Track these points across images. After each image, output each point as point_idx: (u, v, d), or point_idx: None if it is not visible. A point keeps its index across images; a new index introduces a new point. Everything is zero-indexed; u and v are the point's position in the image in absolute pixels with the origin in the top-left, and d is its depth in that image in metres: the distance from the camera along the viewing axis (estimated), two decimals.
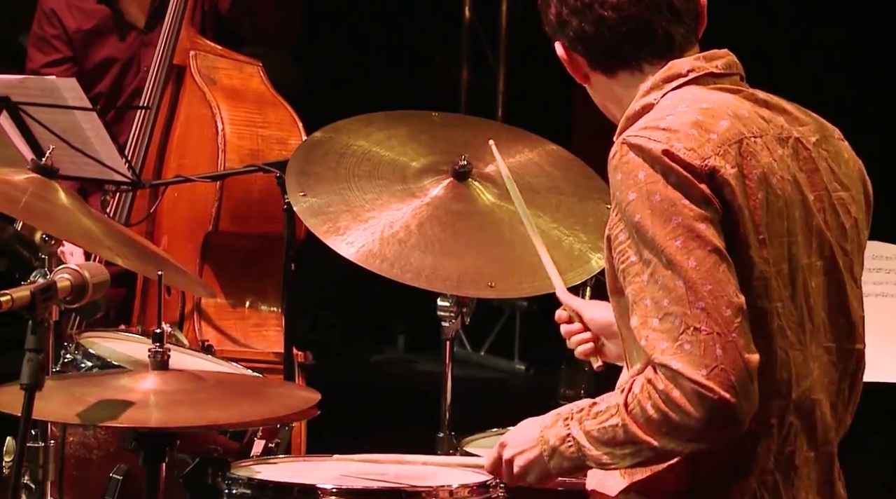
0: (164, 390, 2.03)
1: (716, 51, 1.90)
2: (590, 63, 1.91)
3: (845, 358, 1.88)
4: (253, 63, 3.40)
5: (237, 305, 3.27)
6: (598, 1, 1.86)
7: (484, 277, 2.43)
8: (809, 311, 1.83)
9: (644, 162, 1.79)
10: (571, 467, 1.84)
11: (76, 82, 2.92)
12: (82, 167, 2.92)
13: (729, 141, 1.81)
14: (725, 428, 1.73)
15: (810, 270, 1.84)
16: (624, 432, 1.76)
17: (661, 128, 1.81)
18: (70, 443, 2.47)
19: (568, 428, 1.82)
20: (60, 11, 3.42)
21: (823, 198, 1.87)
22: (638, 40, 1.87)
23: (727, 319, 1.73)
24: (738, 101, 1.87)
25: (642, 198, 1.77)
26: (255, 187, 3.22)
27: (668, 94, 1.87)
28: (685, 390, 1.72)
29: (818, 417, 1.85)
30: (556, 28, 1.92)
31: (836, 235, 1.87)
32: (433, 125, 2.68)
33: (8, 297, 1.86)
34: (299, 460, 2.43)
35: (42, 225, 2.23)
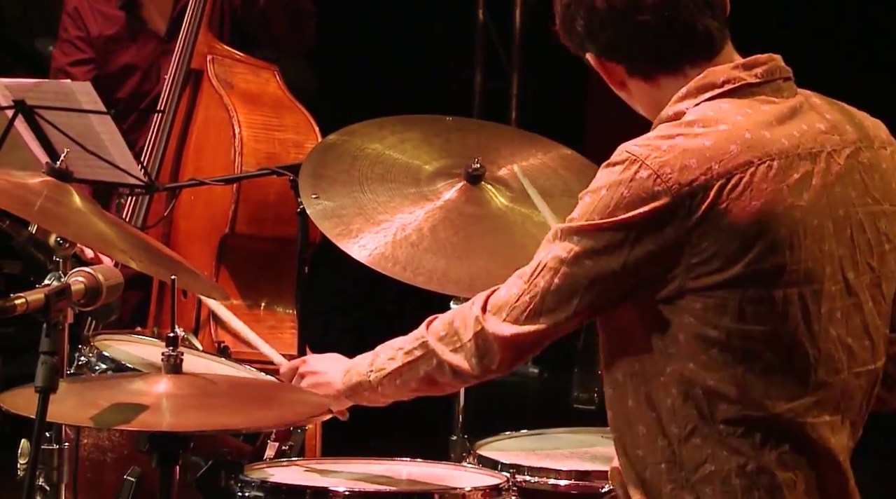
0: (176, 394, 2.03)
1: (758, 57, 1.86)
2: (629, 70, 1.87)
3: (871, 379, 1.86)
4: (269, 67, 3.41)
5: (253, 308, 3.27)
6: (634, 7, 1.81)
7: (496, 280, 2.42)
8: (813, 337, 1.79)
9: (616, 183, 1.79)
10: (356, 383, 2.02)
11: (91, 86, 2.93)
12: (97, 171, 2.93)
13: (731, 172, 1.77)
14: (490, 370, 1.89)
15: (820, 296, 1.80)
16: (420, 337, 1.93)
17: (663, 149, 1.79)
18: (84, 445, 2.48)
19: (376, 352, 2.00)
20: (84, 13, 3.43)
21: (853, 214, 1.83)
22: (679, 42, 1.83)
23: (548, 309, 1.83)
24: (767, 116, 1.82)
25: (588, 206, 1.81)
26: (272, 190, 3.22)
27: (700, 104, 1.83)
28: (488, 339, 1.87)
29: (819, 439, 1.81)
30: (586, 39, 1.87)
31: (864, 253, 1.83)
32: (447, 129, 2.68)
33: (23, 300, 1.87)
34: (312, 462, 2.43)
35: (56, 228, 2.24)
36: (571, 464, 2.37)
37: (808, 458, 1.81)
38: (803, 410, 1.80)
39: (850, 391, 1.83)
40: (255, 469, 2.29)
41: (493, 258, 2.47)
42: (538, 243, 2.47)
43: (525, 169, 2.60)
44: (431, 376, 1.93)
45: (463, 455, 2.48)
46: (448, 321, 1.93)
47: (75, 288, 1.95)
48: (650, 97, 1.87)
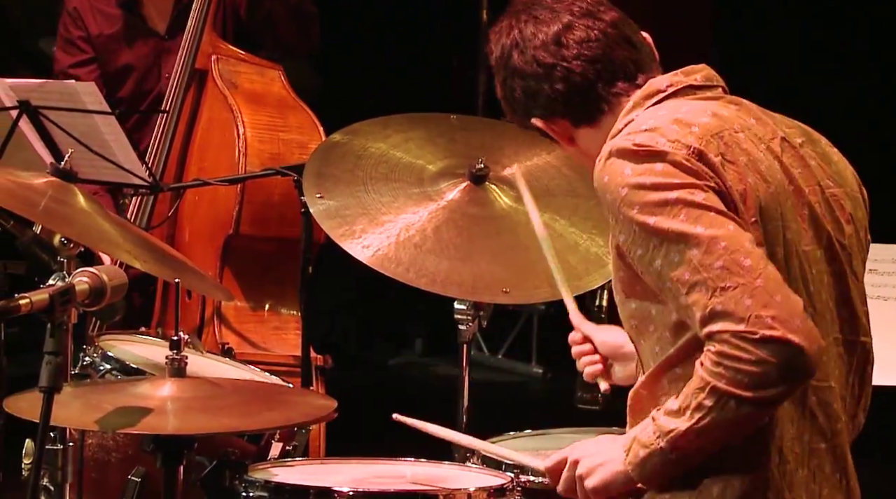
0: (181, 397, 2.04)
1: (693, 66, 1.92)
2: (572, 121, 1.93)
3: (851, 350, 1.88)
4: (274, 67, 3.40)
5: (257, 309, 3.27)
6: (559, 57, 1.89)
7: (499, 282, 2.43)
8: (810, 296, 1.83)
9: (627, 160, 1.80)
10: (646, 457, 1.78)
11: (95, 86, 2.92)
12: (101, 171, 2.92)
13: (710, 132, 1.82)
14: (795, 365, 1.72)
15: (810, 258, 1.84)
16: (704, 388, 1.74)
17: (643, 130, 1.83)
18: (88, 446, 2.48)
19: (651, 415, 1.80)
20: (84, 12, 3.42)
21: (817, 191, 1.87)
22: (608, 74, 1.89)
23: (748, 268, 1.73)
24: (719, 106, 1.88)
25: (634, 189, 1.79)
26: (276, 191, 3.22)
27: (649, 109, 1.88)
28: (734, 344, 1.72)
29: (819, 403, 1.83)
30: (527, 104, 1.93)
31: (833, 229, 1.87)
32: (451, 128, 2.68)
33: (27, 300, 1.87)
34: (316, 462, 2.43)
35: (61, 228, 2.24)
36: None
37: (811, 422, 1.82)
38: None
39: (832, 358, 1.85)
40: (259, 469, 2.29)
41: (495, 260, 2.47)
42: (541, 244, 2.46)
43: (529, 168, 2.60)
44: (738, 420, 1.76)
45: (467, 455, 2.48)
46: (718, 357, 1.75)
47: (79, 288, 1.95)
48: (598, 142, 1.91)
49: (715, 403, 1.74)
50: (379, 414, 2.31)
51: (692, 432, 1.76)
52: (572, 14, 1.90)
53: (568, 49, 1.88)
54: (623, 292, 1.87)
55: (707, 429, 1.76)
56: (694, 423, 1.76)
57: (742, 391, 1.73)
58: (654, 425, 1.79)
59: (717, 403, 1.74)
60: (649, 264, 1.78)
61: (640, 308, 1.84)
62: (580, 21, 1.90)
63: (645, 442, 1.80)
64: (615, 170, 1.81)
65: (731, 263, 1.73)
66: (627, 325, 1.89)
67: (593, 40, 1.89)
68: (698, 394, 1.75)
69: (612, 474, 1.83)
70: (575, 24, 1.89)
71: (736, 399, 1.73)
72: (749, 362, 1.72)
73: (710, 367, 1.75)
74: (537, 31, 1.90)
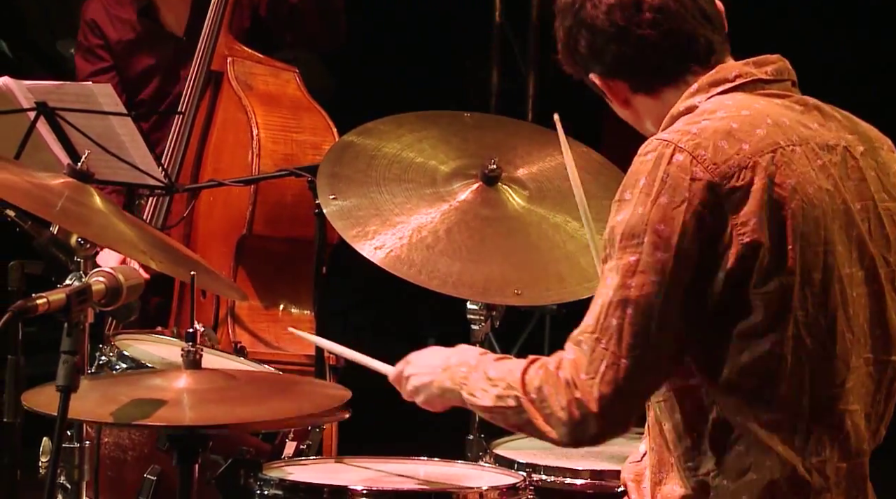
0: (196, 389, 2.04)
1: (767, 56, 1.88)
2: (632, 86, 1.88)
3: (881, 369, 1.86)
4: (289, 69, 3.41)
5: (270, 308, 3.27)
6: (635, 22, 1.83)
7: (510, 284, 2.42)
8: (848, 319, 1.81)
9: (652, 168, 1.78)
10: (448, 388, 1.93)
11: (111, 88, 2.94)
12: (117, 172, 2.94)
13: (762, 151, 1.79)
14: (582, 437, 1.80)
15: (851, 281, 1.82)
16: (515, 389, 1.84)
17: (693, 132, 1.79)
18: (105, 444, 2.49)
19: (476, 359, 1.91)
20: (101, 22, 3.45)
21: (869, 208, 1.85)
22: (681, 52, 1.85)
23: (628, 346, 1.76)
24: (783, 108, 1.84)
25: (626, 205, 1.78)
26: (289, 191, 3.23)
27: (713, 97, 1.84)
28: (567, 382, 1.78)
29: (850, 427, 1.82)
30: (590, 60, 1.89)
31: (880, 246, 1.85)
32: (465, 127, 2.68)
33: (44, 299, 1.88)
34: (330, 461, 2.43)
35: (78, 229, 2.24)
36: (587, 463, 2.36)
37: (841, 446, 1.82)
38: (842, 397, 1.81)
39: (861, 378, 1.84)
40: (274, 468, 2.29)
41: (507, 262, 2.46)
42: (553, 245, 2.46)
43: (541, 169, 2.60)
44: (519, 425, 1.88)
45: (479, 455, 2.48)
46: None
47: (96, 288, 1.96)
48: (655, 112, 1.88)
49: (514, 408, 1.84)
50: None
51: (485, 411, 1.87)
52: None
53: (644, 14, 1.83)
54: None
55: (497, 415, 1.87)
56: (490, 405, 1.86)
57: (536, 419, 1.82)
58: (469, 372, 1.90)
59: (516, 410, 1.84)
60: (602, 269, 1.82)
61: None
62: None
63: (454, 379, 1.92)
64: (639, 170, 1.80)
65: (621, 330, 1.76)
66: None
67: (671, 10, 1.83)
68: (510, 389, 1.84)
69: (431, 393, 1.97)
70: None
71: (531, 419, 1.82)
72: (560, 406, 1.79)
73: (535, 380, 1.82)
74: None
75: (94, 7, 3.47)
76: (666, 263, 1.75)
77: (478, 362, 1.91)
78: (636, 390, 1.79)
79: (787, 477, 1.79)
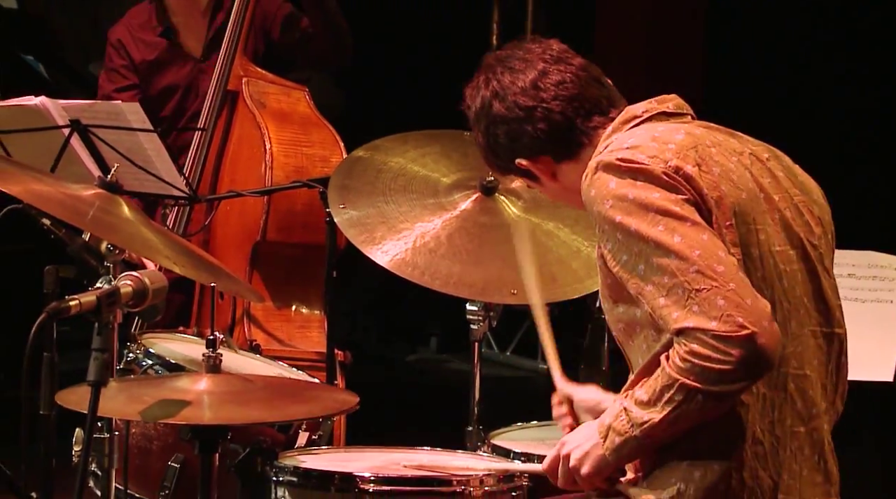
0: (215, 391, 2.06)
1: (665, 95, 1.97)
2: (555, 157, 1.96)
3: (828, 341, 1.90)
4: (300, 88, 3.43)
5: (283, 309, 3.29)
6: (539, 99, 1.93)
7: (507, 284, 2.44)
8: (784, 291, 1.86)
9: (612, 174, 1.84)
10: (621, 443, 1.83)
11: (139, 107, 2.95)
12: (144, 184, 2.95)
13: (686, 147, 1.86)
14: (757, 361, 1.75)
15: (783, 257, 1.87)
16: (672, 385, 1.77)
17: (624, 148, 1.86)
18: (133, 434, 2.49)
19: (621, 403, 1.85)
20: (127, 43, 3.47)
21: (786, 199, 1.91)
22: (586, 112, 1.93)
23: (721, 273, 1.77)
24: (691, 126, 1.93)
25: (617, 201, 1.82)
26: (299, 201, 3.24)
27: (627, 131, 1.92)
28: (705, 342, 1.75)
29: (798, 390, 1.85)
30: (511, 147, 1.96)
31: (803, 230, 1.90)
32: (464, 144, 2.69)
33: (76, 301, 1.90)
34: (340, 450, 2.44)
35: (107, 236, 2.26)
36: None
37: (791, 408, 1.84)
38: (784, 360, 1.84)
39: (810, 348, 1.87)
40: (288, 456, 2.30)
41: (504, 264, 2.48)
42: (547, 249, 2.47)
43: None
44: (704, 409, 1.79)
45: (478, 444, 2.49)
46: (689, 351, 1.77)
47: (124, 291, 1.97)
48: (579, 173, 1.94)
49: (684, 398, 1.78)
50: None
51: (665, 423, 1.80)
52: (545, 61, 1.95)
53: (546, 92, 1.93)
54: (610, 298, 1.90)
55: (677, 420, 1.80)
56: (665, 415, 1.79)
57: (709, 386, 1.76)
58: (626, 415, 1.83)
59: (686, 397, 1.78)
60: (633, 268, 1.81)
61: (626, 312, 1.87)
62: (553, 66, 1.94)
63: (620, 430, 1.84)
64: (601, 183, 1.85)
65: (705, 269, 1.77)
66: (615, 328, 1.92)
67: (568, 82, 1.94)
68: (668, 389, 1.79)
69: (598, 458, 1.87)
70: (549, 69, 1.94)
71: (703, 393, 1.77)
72: (717, 360, 1.75)
73: (679, 363, 1.77)
74: (515, 79, 1.94)
75: (120, 30, 3.50)
76: (683, 210, 1.80)
77: (628, 403, 1.83)
78: (756, 299, 1.76)
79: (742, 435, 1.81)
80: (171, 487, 2.43)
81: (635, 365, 1.90)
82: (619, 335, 1.92)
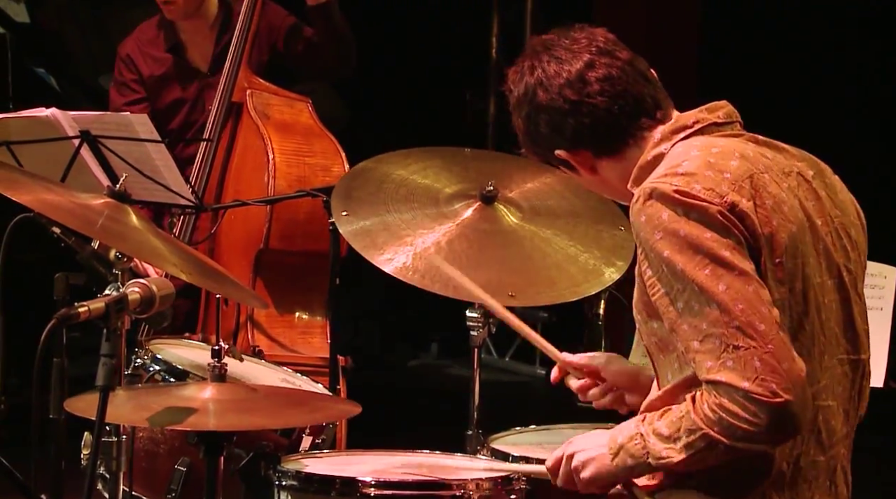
0: (220, 399, 2.07)
1: (716, 103, 1.91)
2: (595, 153, 1.90)
3: (854, 368, 1.88)
4: (303, 100, 3.44)
5: (286, 315, 3.30)
6: (584, 94, 1.87)
7: (505, 287, 2.44)
8: (822, 324, 1.83)
9: (666, 205, 1.78)
10: (633, 465, 1.81)
11: (148, 118, 2.97)
12: (152, 193, 2.96)
13: (741, 177, 1.81)
14: (785, 429, 1.73)
15: (822, 289, 1.84)
16: (696, 431, 1.75)
17: (680, 173, 1.81)
18: (140, 438, 2.50)
19: (638, 428, 1.82)
20: (136, 58, 3.49)
21: (828, 222, 1.87)
22: (631, 111, 1.88)
23: (762, 333, 1.73)
24: (742, 143, 1.87)
25: (668, 236, 1.77)
26: (302, 210, 3.25)
27: (677, 143, 1.87)
28: (736, 400, 1.72)
29: (823, 422, 1.83)
30: (551, 137, 1.90)
31: (842, 256, 1.87)
32: (465, 158, 2.70)
33: (86, 308, 1.90)
34: (342, 454, 2.44)
35: (116, 244, 2.26)
36: None
37: (816, 439, 1.82)
38: (815, 394, 1.82)
39: (836, 377, 1.85)
40: (291, 460, 2.30)
41: (503, 269, 2.48)
42: (545, 255, 2.47)
43: (535, 189, 2.61)
44: (722, 458, 1.77)
45: (477, 448, 2.48)
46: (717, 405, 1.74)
47: (132, 298, 1.98)
48: (620, 172, 1.90)
49: (706, 446, 1.76)
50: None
51: (682, 464, 1.78)
52: (591, 53, 1.87)
53: (591, 86, 1.86)
54: (645, 312, 1.85)
55: (694, 463, 1.78)
56: (684, 458, 1.77)
57: (732, 442, 1.74)
58: (643, 441, 1.80)
59: (708, 446, 1.76)
60: (671, 304, 1.77)
61: (661, 329, 1.83)
62: (600, 59, 1.87)
63: (634, 454, 1.81)
64: (653, 212, 1.79)
65: (746, 325, 1.72)
66: (648, 340, 1.87)
67: (615, 77, 1.86)
68: (690, 434, 1.76)
69: (602, 467, 1.85)
70: (596, 62, 1.87)
71: (725, 447, 1.75)
72: (745, 420, 1.72)
73: (708, 413, 1.75)
74: (560, 70, 1.87)
75: (130, 45, 3.52)
76: (733, 256, 1.75)
77: (646, 430, 1.80)
78: (792, 362, 1.72)
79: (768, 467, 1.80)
80: (177, 489, 2.42)
81: (662, 378, 1.87)
82: (651, 347, 1.88)
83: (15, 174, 2.26)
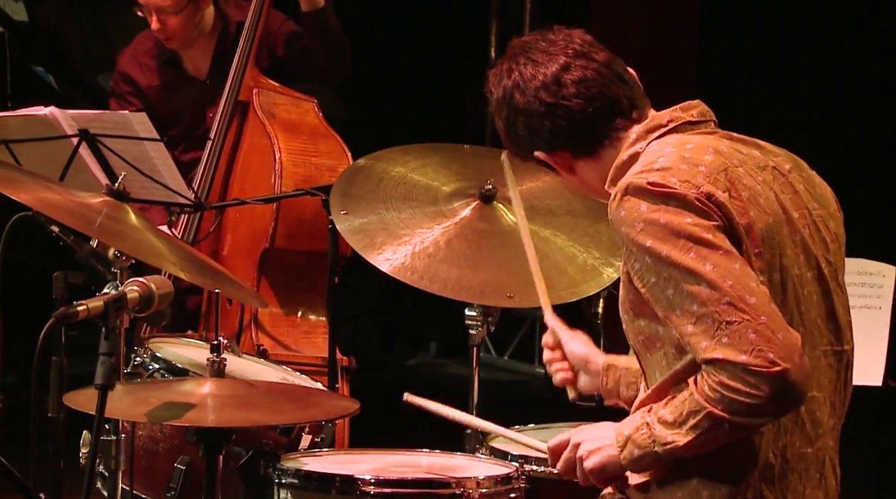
0: (219, 395, 2.05)
1: (690, 102, 1.92)
2: (573, 153, 1.91)
3: (838, 359, 1.87)
4: (309, 100, 3.44)
5: (290, 315, 3.28)
6: (560, 96, 1.87)
7: (504, 288, 2.42)
8: (801, 315, 1.82)
9: (643, 198, 1.79)
10: (640, 456, 1.80)
11: (146, 117, 2.95)
12: (151, 192, 2.95)
13: (716, 170, 1.81)
14: (787, 397, 1.72)
15: (801, 280, 1.83)
16: (700, 411, 1.74)
17: (655, 169, 1.81)
18: (139, 437, 2.48)
19: (643, 418, 1.81)
20: (133, 72, 3.50)
21: (805, 215, 1.87)
22: (607, 112, 1.88)
23: (753, 306, 1.72)
24: (716, 140, 1.88)
25: (648, 226, 1.77)
26: (307, 209, 3.24)
27: (651, 142, 1.87)
28: (735, 374, 1.71)
29: (808, 413, 1.82)
30: (530, 139, 1.91)
31: (820, 248, 1.87)
32: (464, 156, 2.68)
33: (84, 306, 1.88)
34: (342, 452, 2.42)
35: (115, 243, 2.25)
36: None
37: (801, 431, 1.81)
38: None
39: (821, 368, 1.84)
40: (291, 459, 2.28)
41: (501, 269, 2.46)
42: (543, 255, 2.44)
43: (532, 189, 2.59)
44: (728, 437, 1.76)
45: (476, 447, 2.47)
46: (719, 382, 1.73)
47: (130, 296, 1.96)
48: (598, 171, 1.90)
49: (710, 425, 1.75)
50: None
51: (688, 447, 1.77)
52: (567, 55, 1.88)
53: (567, 88, 1.87)
54: (631, 311, 1.85)
55: (701, 445, 1.77)
56: (690, 440, 1.76)
57: (736, 418, 1.73)
58: (648, 430, 1.79)
59: (712, 426, 1.75)
60: (661, 292, 1.76)
61: (648, 326, 1.83)
62: (576, 62, 1.88)
63: (640, 444, 1.80)
64: (631, 206, 1.79)
65: (737, 300, 1.72)
66: (634, 339, 1.87)
67: (590, 79, 1.87)
68: (695, 415, 1.75)
69: (608, 459, 1.83)
70: (571, 64, 1.88)
71: (729, 423, 1.74)
72: (747, 394, 1.71)
73: (708, 393, 1.74)
74: (536, 73, 1.88)
75: (126, 58, 3.52)
76: (716, 237, 1.75)
77: (651, 419, 1.79)
78: (787, 332, 1.71)
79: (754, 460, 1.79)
80: (177, 488, 2.41)
81: (650, 377, 1.87)
82: (638, 346, 1.87)
83: (14, 173, 2.25)
